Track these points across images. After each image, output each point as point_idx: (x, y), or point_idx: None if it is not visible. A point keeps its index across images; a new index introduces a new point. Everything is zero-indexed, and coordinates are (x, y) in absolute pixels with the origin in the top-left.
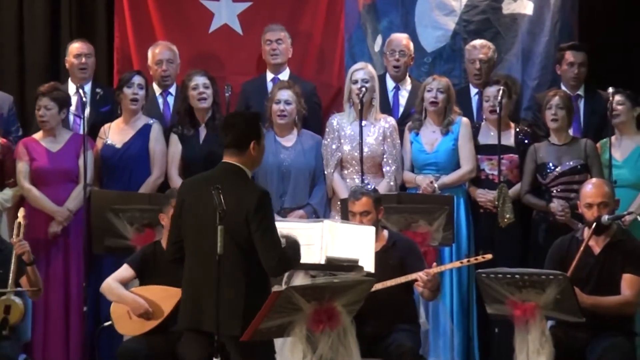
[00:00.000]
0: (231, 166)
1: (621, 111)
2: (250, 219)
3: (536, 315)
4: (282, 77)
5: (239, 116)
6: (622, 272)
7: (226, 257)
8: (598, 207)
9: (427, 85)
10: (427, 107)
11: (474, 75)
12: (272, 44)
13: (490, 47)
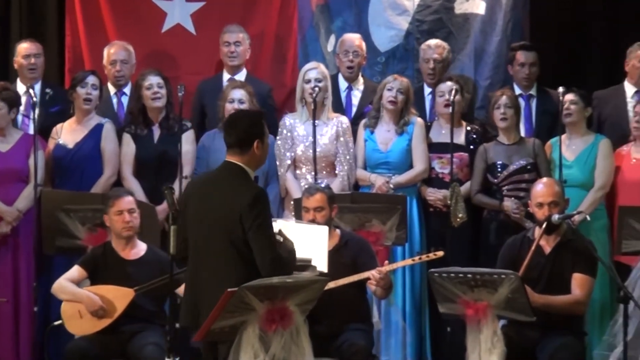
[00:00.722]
0: (233, 165)
1: (574, 111)
2: (243, 218)
3: (488, 314)
4: (239, 78)
5: (243, 115)
6: (572, 271)
7: (221, 256)
8: (549, 207)
9: (387, 84)
10: (385, 105)
11: (428, 74)
12: (230, 46)
13: (445, 47)
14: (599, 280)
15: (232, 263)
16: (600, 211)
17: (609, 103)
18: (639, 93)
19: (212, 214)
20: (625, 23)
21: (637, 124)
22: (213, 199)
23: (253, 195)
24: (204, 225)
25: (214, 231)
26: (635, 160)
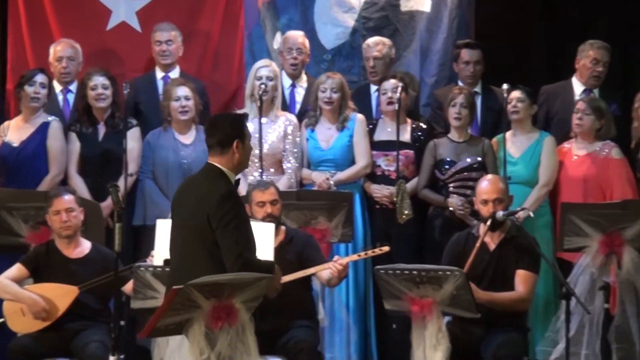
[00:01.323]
0: (211, 167)
1: (520, 108)
2: (211, 218)
3: (433, 311)
4: (172, 75)
5: (224, 117)
6: (516, 268)
7: (193, 257)
8: (493, 204)
9: (321, 84)
10: (322, 106)
11: (370, 72)
12: (162, 44)
13: (385, 43)
14: (542, 276)
15: (203, 264)
16: (544, 208)
17: (557, 99)
18: (587, 91)
19: (184, 215)
20: (567, 21)
21: (579, 120)
22: (186, 201)
23: (220, 194)
24: (178, 227)
25: (186, 232)
26: (577, 157)
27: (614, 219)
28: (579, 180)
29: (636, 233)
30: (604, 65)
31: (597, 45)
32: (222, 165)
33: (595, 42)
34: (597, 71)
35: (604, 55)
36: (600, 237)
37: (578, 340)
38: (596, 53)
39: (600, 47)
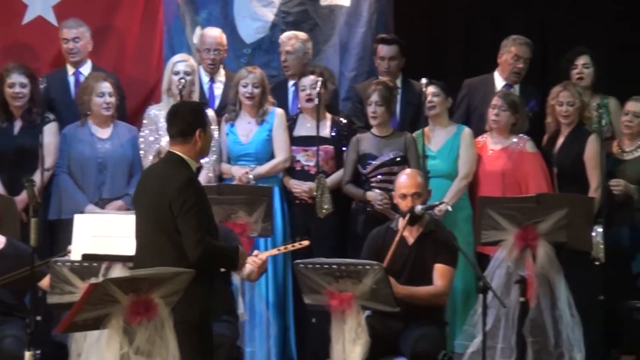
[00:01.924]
0: (173, 155)
1: (437, 103)
2: (172, 204)
3: (352, 305)
4: (83, 70)
5: (185, 106)
6: (434, 262)
7: (155, 244)
8: (412, 198)
9: (241, 79)
10: (242, 100)
11: (283, 67)
12: (69, 42)
13: (299, 38)
14: (461, 270)
15: (165, 251)
16: (464, 202)
17: (479, 92)
18: (507, 86)
19: (146, 202)
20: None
21: (496, 117)
22: (147, 188)
23: (181, 181)
24: (140, 214)
25: (147, 219)
26: (493, 152)
27: (529, 213)
28: (497, 174)
29: (550, 227)
30: (524, 61)
31: (519, 41)
32: (184, 154)
33: (518, 37)
34: (518, 67)
35: (526, 52)
36: (516, 230)
37: (494, 334)
38: (517, 49)
39: (522, 43)
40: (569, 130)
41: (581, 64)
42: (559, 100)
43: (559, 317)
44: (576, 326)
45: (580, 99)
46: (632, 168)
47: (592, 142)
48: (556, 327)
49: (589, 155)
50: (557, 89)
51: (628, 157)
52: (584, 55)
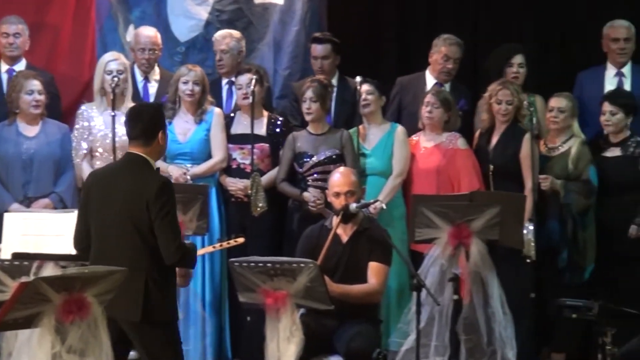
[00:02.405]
0: (137, 157)
1: (371, 101)
2: (150, 207)
3: (287, 303)
4: (17, 68)
5: (146, 108)
6: (369, 260)
7: (127, 244)
8: (345, 196)
9: (182, 76)
10: (183, 98)
11: (218, 65)
12: (9, 37)
13: (234, 36)
14: (395, 268)
15: (138, 250)
16: (398, 199)
17: (410, 91)
18: (438, 85)
19: (117, 203)
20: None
21: (429, 114)
22: (118, 188)
23: (159, 185)
24: (109, 214)
25: (119, 219)
26: (425, 149)
27: (462, 211)
28: (430, 171)
29: (483, 225)
30: (454, 61)
31: (449, 41)
32: (146, 155)
33: (448, 37)
34: (448, 67)
35: (455, 52)
36: (450, 228)
37: (428, 332)
38: (447, 49)
39: (452, 43)
40: (504, 127)
41: (517, 63)
42: (497, 98)
43: (492, 315)
44: (508, 324)
45: (518, 97)
46: (558, 164)
47: (527, 140)
48: (489, 324)
49: (525, 154)
50: (495, 86)
51: (554, 154)
52: (519, 54)
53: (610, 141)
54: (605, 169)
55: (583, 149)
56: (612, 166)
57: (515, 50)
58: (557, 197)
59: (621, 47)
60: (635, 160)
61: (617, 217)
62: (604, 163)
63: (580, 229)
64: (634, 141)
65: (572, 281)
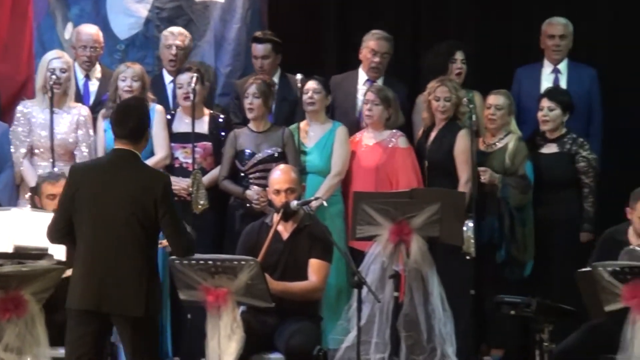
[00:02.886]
0: (129, 152)
1: (316, 99)
2: (159, 203)
3: (228, 301)
4: None
5: (135, 105)
6: (309, 257)
7: (131, 240)
8: (285, 193)
9: (120, 73)
10: (122, 95)
11: (170, 61)
12: None
13: (187, 35)
14: (335, 265)
15: (142, 247)
16: (336, 197)
17: (341, 89)
18: (369, 82)
19: (121, 197)
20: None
21: (369, 111)
22: (119, 183)
23: (165, 182)
24: (110, 208)
25: (124, 214)
26: (367, 146)
27: (403, 208)
28: (369, 169)
29: (423, 221)
30: (382, 56)
31: (376, 35)
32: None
33: (376, 32)
34: (375, 62)
35: (382, 46)
36: (390, 225)
37: (369, 329)
38: (374, 44)
39: (379, 37)
40: (442, 124)
41: (460, 59)
42: (436, 95)
43: (432, 312)
44: (448, 321)
45: (456, 95)
46: (496, 159)
47: (462, 136)
48: (429, 321)
49: (459, 150)
50: (434, 84)
51: (491, 150)
52: (461, 50)
53: (547, 138)
54: (542, 165)
55: (520, 145)
56: (549, 162)
57: (457, 46)
58: (494, 194)
59: (556, 44)
60: (572, 157)
61: (554, 213)
62: (541, 159)
63: (518, 225)
64: (570, 138)
65: (512, 277)
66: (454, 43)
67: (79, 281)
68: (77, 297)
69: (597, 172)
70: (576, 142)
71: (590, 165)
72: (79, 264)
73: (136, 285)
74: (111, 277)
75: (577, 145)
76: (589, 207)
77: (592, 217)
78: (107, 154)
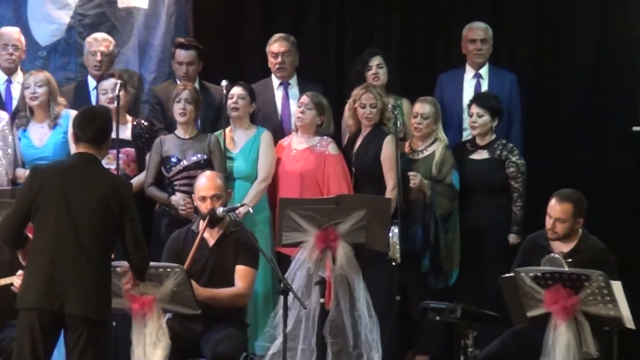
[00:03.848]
0: (92, 157)
1: (241, 105)
2: (124, 209)
3: (153, 308)
4: None
5: (100, 111)
6: (235, 263)
7: (95, 242)
8: (211, 200)
9: (25, 81)
10: (28, 103)
11: (94, 66)
12: None
13: (112, 41)
14: (261, 272)
15: (102, 246)
16: (262, 203)
17: (260, 96)
18: (284, 84)
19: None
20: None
21: (301, 114)
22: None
23: (130, 189)
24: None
25: (87, 215)
26: (296, 152)
27: (329, 214)
28: (297, 175)
29: (349, 228)
30: (282, 55)
31: (274, 38)
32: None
33: (274, 36)
34: (277, 63)
35: (281, 46)
36: (316, 232)
37: (295, 335)
38: (273, 46)
39: (276, 39)
40: (368, 131)
41: (375, 64)
42: (361, 102)
43: (358, 318)
44: (374, 327)
45: (382, 101)
46: (422, 167)
47: (388, 142)
48: (355, 328)
49: (386, 156)
50: (358, 91)
51: (419, 157)
52: (377, 56)
53: (478, 144)
54: (473, 172)
55: (446, 153)
56: (480, 169)
57: (373, 53)
58: (421, 201)
59: (478, 48)
60: (502, 163)
61: (485, 219)
62: (471, 166)
63: (442, 233)
64: (500, 143)
65: (437, 285)
66: (370, 50)
67: (36, 280)
68: (35, 297)
69: (525, 177)
70: (506, 148)
71: (519, 170)
72: (36, 263)
73: (98, 288)
74: (73, 278)
75: (507, 151)
76: (517, 210)
77: (520, 221)
78: (68, 157)
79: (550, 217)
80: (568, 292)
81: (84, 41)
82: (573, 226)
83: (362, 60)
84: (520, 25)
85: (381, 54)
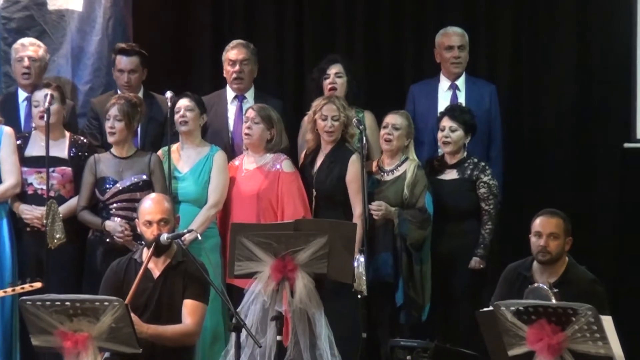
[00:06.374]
0: None
1: (190, 118)
2: None
3: (88, 346)
4: None
5: None
6: (183, 297)
7: None
8: (158, 225)
9: None
10: None
11: (23, 74)
12: None
13: (41, 45)
14: (211, 305)
15: None
16: (212, 229)
17: (211, 109)
18: (239, 98)
19: None
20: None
21: (248, 129)
22: None
23: None
24: None
25: None
26: (247, 172)
27: (286, 241)
28: (250, 197)
29: (309, 256)
30: (241, 63)
31: (232, 45)
32: None
33: (232, 42)
34: (235, 71)
35: (240, 53)
36: (272, 261)
37: None
38: (231, 54)
39: (234, 45)
40: (329, 148)
41: (334, 72)
42: (322, 114)
43: (319, 357)
44: None
45: (345, 114)
46: (392, 189)
47: (354, 162)
48: None
49: (352, 178)
50: (320, 102)
51: (388, 177)
52: (336, 63)
53: (447, 162)
54: (442, 193)
55: (419, 173)
56: (449, 190)
57: (332, 60)
58: (389, 226)
59: (456, 56)
60: (473, 184)
61: (455, 247)
62: (440, 187)
63: (416, 263)
64: (472, 162)
65: (408, 322)
66: (328, 58)
67: None
68: None
69: (497, 199)
70: (477, 167)
71: (491, 191)
72: None
73: None
74: None
75: (478, 170)
76: (486, 234)
77: (488, 244)
78: None
79: (540, 236)
80: (553, 328)
81: (9, 48)
82: (564, 246)
83: (320, 67)
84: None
85: (341, 61)
